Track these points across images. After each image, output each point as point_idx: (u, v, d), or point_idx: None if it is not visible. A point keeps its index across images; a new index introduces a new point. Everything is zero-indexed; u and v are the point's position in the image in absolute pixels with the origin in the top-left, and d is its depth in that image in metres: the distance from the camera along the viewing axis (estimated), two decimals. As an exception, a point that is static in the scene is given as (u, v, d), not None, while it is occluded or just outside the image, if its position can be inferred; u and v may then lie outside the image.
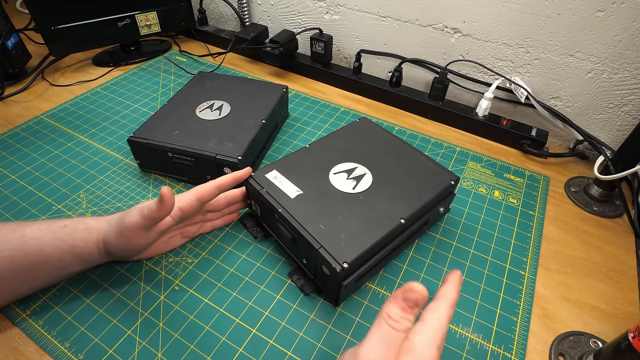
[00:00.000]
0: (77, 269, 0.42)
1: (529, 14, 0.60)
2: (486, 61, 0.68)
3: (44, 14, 0.72)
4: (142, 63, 0.85)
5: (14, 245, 0.37)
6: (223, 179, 0.43)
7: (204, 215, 0.48)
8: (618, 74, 0.57)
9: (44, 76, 0.79)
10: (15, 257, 0.37)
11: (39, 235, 0.38)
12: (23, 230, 0.38)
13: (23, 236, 0.38)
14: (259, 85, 0.66)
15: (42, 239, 0.38)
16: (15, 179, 0.56)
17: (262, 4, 0.87)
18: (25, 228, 0.39)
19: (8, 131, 0.65)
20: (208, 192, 0.42)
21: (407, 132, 0.68)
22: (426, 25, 0.69)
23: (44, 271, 0.39)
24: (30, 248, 0.38)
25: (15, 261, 0.37)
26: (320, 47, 0.77)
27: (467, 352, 0.39)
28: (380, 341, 0.26)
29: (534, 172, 0.61)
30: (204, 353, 0.38)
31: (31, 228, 0.39)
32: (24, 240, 0.38)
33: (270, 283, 0.44)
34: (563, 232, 0.52)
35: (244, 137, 0.54)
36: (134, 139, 0.53)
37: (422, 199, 0.45)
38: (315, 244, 0.39)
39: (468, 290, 0.45)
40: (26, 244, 0.38)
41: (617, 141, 0.62)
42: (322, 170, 0.48)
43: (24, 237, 0.38)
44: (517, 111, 0.70)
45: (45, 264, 0.39)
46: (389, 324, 0.26)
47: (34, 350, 0.38)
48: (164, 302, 0.42)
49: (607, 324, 0.42)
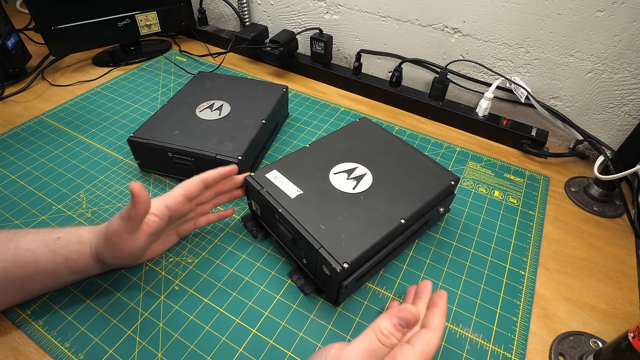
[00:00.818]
0: (73, 278, 0.41)
1: (529, 14, 0.60)
2: (486, 61, 0.68)
3: (44, 14, 0.72)
4: (142, 63, 0.85)
5: (8, 257, 0.37)
6: (208, 173, 0.43)
7: (195, 210, 0.46)
8: (618, 74, 0.57)
9: (44, 76, 0.79)
10: (9, 269, 0.37)
11: (33, 247, 0.38)
12: (17, 241, 0.38)
13: (17, 247, 0.37)
14: (259, 85, 0.66)
15: (36, 250, 0.38)
16: (15, 179, 0.56)
17: (262, 4, 0.87)
18: (20, 239, 0.38)
19: (8, 131, 0.65)
20: (194, 187, 0.42)
21: (407, 132, 0.68)
22: (426, 25, 0.69)
23: (39, 282, 0.39)
24: (25, 260, 0.37)
25: (10, 272, 0.37)
26: (320, 47, 0.77)
27: (467, 352, 0.39)
28: (366, 351, 0.28)
29: (534, 172, 0.61)
30: (204, 353, 0.38)
31: (25, 239, 0.38)
32: (18, 252, 0.37)
33: (270, 283, 0.44)
34: (563, 232, 0.52)
35: (244, 137, 0.54)
36: (134, 139, 0.53)
37: (422, 199, 0.45)
38: (315, 244, 0.39)
39: (468, 290, 0.45)
40: (20, 255, 0.37)
41: (617, 141, 0.62)
42: (322, 170, 0.48)
43: (18, 249, 0.37)
44: (517, 111, 0.70)
45: (40, 276, 0.38)
46: (378, 337, 0.28)
47: (34, 350, 0.38)
48: (164, 302, 0.42)
49: (607, 324, 0.42)
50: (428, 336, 0.31)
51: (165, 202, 0.40)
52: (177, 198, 0.40)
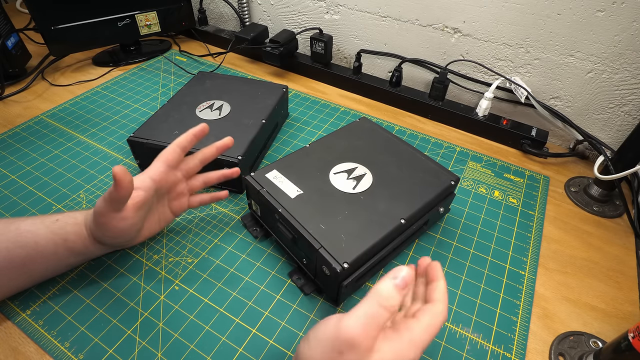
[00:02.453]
0: (73, 261, 0.41)
1: (529, 14, 0.60)
2: (486, 61, 0.68)
3: (44, 14, 0.72)
4: (142, 63, 0.85)
5: (10, 238, 0.38)
6: (181, 137, 0.43)
7: (187, 183, 0.45)
8: (618, 74, 0.57)
9: (44, 76, 0.79)
10: (11, 249, 0.37)
11: (33, 228, 0.39)
12: (18, 224, 0.39)
13: (18, 229, 0.38)
14: (259, 85, 0.66)
15: (37, 232, 0.39)
16: (15, 179, 0.56)
17: (262, 4, 0.87)
18: (20, 222, 0.39)
19: (8, 131, 0.65)
20: (171, 153, 0.42)
21: (407, 132, 0.68)
22: (426, 25, 0.69)
23: (40, 264, 0.39)
24: (26, 240, 0.38)
25: (12, 252, 0.37)
26: (320, 47, 0.77)
27: (467, 352, 0.39)
28: (366, 316, 0.26)
29: (534, 172, 0.61)
30: (204, 353, 0.38)
31: (26, 222, 0.39)
32: (19, 232, 0.38)
33: (270, 283, 0.44)
34: (563, 232, 0.52)
35: (244, 137, 0.54)
36: (134, 139, 0.53)
37: (422, 199, 0.45)
38: (315, 244, 0.39)
39: (468, 290, 0.45)
40: (21, 236, 0.38)
41: (617, 141, 0.62)
42: (322, 170, 0.48)
43: (19, 230, 0.38)
44: (517, 111, 0.70)
45: (41, 257, 0.39)
46: (378, 300, 0.27)
47: (34, 350, 0.38)
48: (164, 302, 0.42)
49: (607, 324, 0.42)
50: (435, 309, 0.29)
51: (149, 174, 0.40)
52: (159, 168, 0.41)
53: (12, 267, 0.38)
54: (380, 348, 0.27)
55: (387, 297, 0.26)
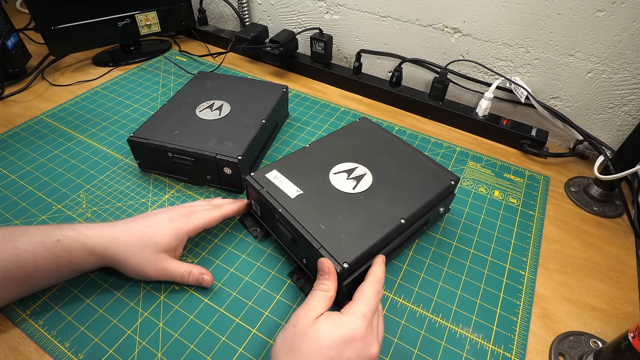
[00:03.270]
0: (75, 275, 0.42)
1: (529, 13, 0.60)
2: (486, 61, 0.68)
3: (44, 13, 0.72)
4: (142, 63, 0.85)
5: (9, 257, 0.36)
6: (228, 210, 0.47)
7: None
8: (618, 74, 0.57)
9: (44, 76, 0.79)
10: (10, 268, 0.36)
11: (32, 248, 0.37)
12: (16, 241, 0.37)
13: (16, 248, 0.37)
14: (259, 85, 0.66)
15: (36, 252, 0.37)
16: (15, 179, 0.56)
17: (262, 4, 0.87)
18: (18, 239, 0.37)
19: (8, 131, 0.65)
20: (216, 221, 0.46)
21: (407, 132, 0.68)
22: (426, 25, 0.69)
23: (41, 280, 0.39)
24: (25, 260, 0.37)
25: (11, 272, 0.37)
26: (320, 47, 0.77)
27: (467, 352, 0.39)
28: (316, 298, 0.36)
29: (534, 172, 0.61)
30: (204, 353, 0.38)
31: (24, 239, 0.37)
32: (18, 252, 0.37)
33: (270, 283, 0.44)
34: (563, 232, 0.52)
35: (244, 137, 0.54)
36: (134, 139, 0.53)
37: (422, 199, 0.45)
38: (315, 244, 0.39)
39: (468, 290, 0.45)
40: (20, 256, 0.37)
41: (617, 141, 0.62)
42: (322, 170, 0.48)
43: (18, 250, 0.37)
44: (517, 111, 0.70)
45: (42, 275, 0.39)
46: (317, 287, 0.37)
47: (34, 350, 0.38)
48: (164, 302, 0.42)
49: (607, 324, 0.42)
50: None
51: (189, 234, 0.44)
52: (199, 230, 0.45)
53: (12, 284, 0.38)
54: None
55: (319, 283, 0.37)
